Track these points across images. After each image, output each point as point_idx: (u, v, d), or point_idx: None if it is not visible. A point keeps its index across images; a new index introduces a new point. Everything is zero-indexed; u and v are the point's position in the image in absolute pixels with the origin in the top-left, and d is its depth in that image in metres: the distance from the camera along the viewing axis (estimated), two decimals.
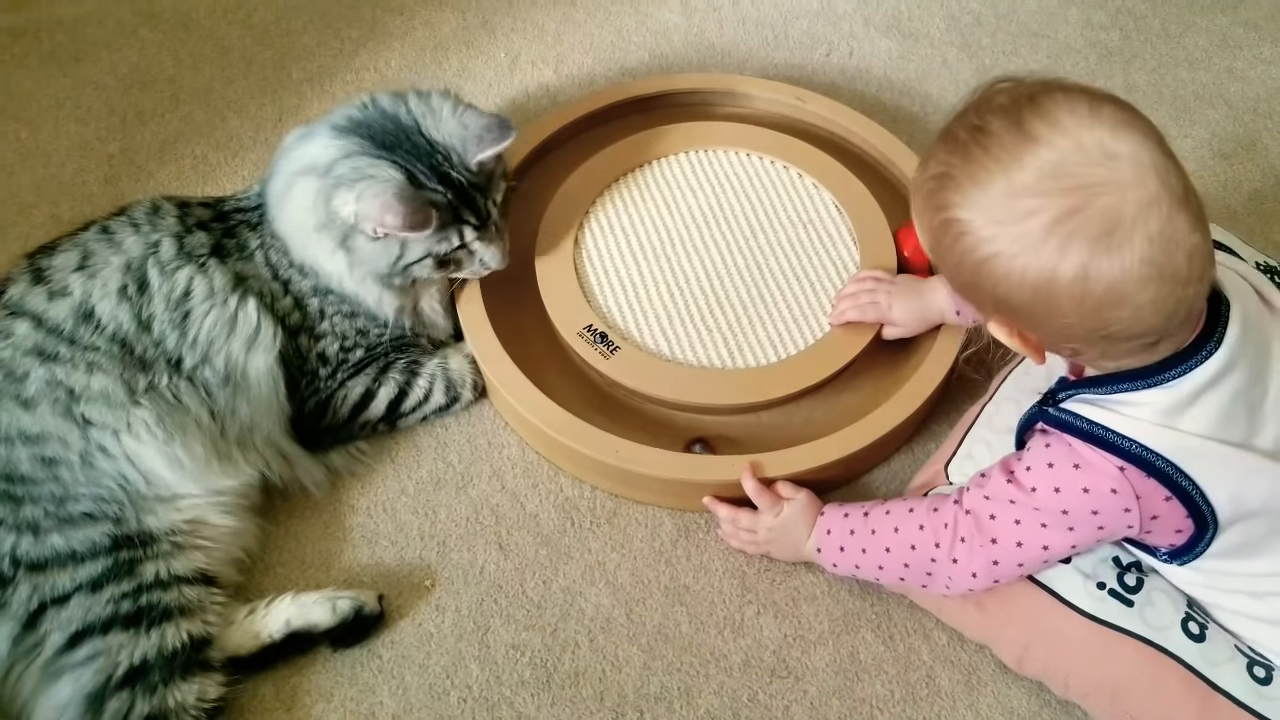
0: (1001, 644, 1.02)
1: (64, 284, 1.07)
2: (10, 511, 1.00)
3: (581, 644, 1.07)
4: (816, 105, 1.43)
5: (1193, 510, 0.84)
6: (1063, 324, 0.79)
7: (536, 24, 1.67)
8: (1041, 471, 0.88)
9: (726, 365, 1.19)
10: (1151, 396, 0.83)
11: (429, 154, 1.11)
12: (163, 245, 1.11)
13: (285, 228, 1.13)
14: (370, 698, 1.04)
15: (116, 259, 1.09)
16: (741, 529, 1.09)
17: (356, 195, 1.07)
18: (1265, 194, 1.45)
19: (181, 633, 0.99)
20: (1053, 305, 0.77)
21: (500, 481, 1.18)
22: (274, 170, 1.15)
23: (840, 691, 1.04)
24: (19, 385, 1.03)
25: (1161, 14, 1.69)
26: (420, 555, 1.13)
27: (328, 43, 1.62)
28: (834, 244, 1.29)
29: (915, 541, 0.97)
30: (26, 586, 0.98)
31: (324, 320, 1.16)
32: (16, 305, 1.07)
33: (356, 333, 1.17)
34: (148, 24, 1.64)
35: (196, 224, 1.14)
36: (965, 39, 1.65)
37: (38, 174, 1.44)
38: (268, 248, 1.14)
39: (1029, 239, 0.76)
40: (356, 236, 1.10)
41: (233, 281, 1.11)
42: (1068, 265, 0.75)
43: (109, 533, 1.01)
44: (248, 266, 1.13)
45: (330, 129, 1.13)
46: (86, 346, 1.05)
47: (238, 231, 1.16)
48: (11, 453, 1.02)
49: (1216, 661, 0.91)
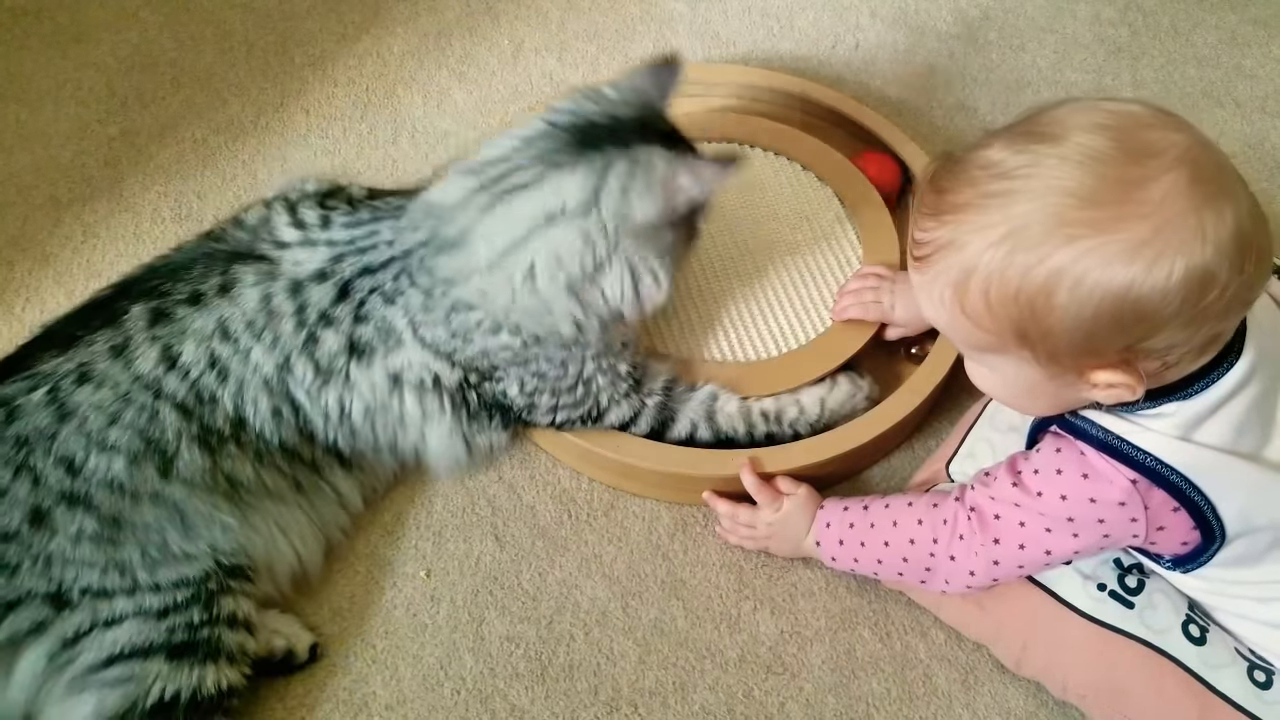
0: (1000, 644, 1.01)
1: (214, 393, 1.00)
2: (104, 553, 0.94)
3: (577, 637, 1.07)
4: (822, 98, 1.42)
5: (1201, 523, 0.83)
6: (1200, 311, 0.73)
7: (541, 11, 1.66)
8: (1049, 477, 0.87)
9: (727, 359, 1.18)
10: (1174, 408, 0.81)
11: (635, 122, 1.03)
12: (297, 368, 1.01)
13: (522, 311, 1.02)
14: (364, 688, 1.03)
15: (257, 380, 1.01)
16: (740, 524, 1.08)
17: (648, 184, 0.98)
18: (1274, 193, 1.45)
19: (222, 679, 0.95)
20: (1204, 290, 0.72)
21: (497, 472, 1.17)
22: (460, 234, 1.01)
23: (836, 689, 1.04)
24: (167, 460, 0.97)
25: (1171, 11, 1.68)
26: (416, 545, 1.12)
27: (330, 27, 1.61)
28: (837, 238, 1.28)
29: (913, 536, 0.96)
30: (86, 613, 0.93)
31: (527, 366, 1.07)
32: (156, 388, 0.98)
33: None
34: (149, 6, 1.62)
35: (320, 320, 1.02)
36: (972, 33, 1.64)
37: (37, 155, 1.43)
38: (417, 324, 1.03)
39: (1180, 229, 0.70)
40: (655, 232, 1.00)
41: (390, 381, 1.04)
42: (1224, 227, 0.71)
43: (206, 568, 0.97)
44: (397, 357, 1.04)
45: (550, 166, 0.99)
46: (257, 451, 1.02)
47: (369, 312, 1.03)
48: (135, 506, 0.96)
49: (1216, 665, 0.91)
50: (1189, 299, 0.72)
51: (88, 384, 0.97)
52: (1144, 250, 0.71)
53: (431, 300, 1.03)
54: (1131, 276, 0.71)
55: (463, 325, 1.03)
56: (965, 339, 0.83)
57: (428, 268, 1.03)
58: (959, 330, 0.82)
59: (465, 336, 1.04)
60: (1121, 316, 0.73)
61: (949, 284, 0.78)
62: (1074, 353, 0.77)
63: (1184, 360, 0.78)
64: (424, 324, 1.03)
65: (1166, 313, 0.73)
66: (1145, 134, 0.73)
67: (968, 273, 0.77)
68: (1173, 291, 0.71)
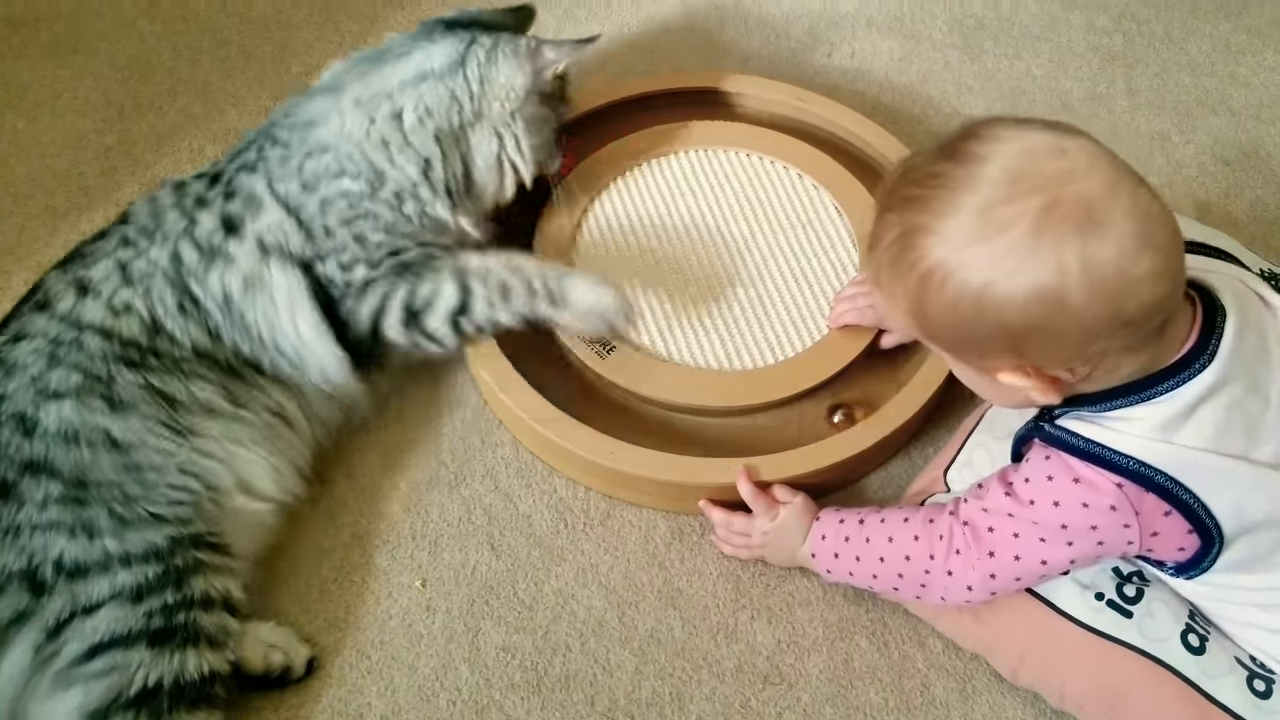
0: (997, 654, 1.01)
1: (126, 301, 1.05)
2: (72, 514, 0.96)
3: (573, 647, 1.06)
4: (817, 106, 1.42)
5: (1197, 524, 0.82)
6: (1082, 327, 0.76)
7: (537, 21, 1.64)
8: (1041, 485, 0.87)
9: (724, 366, 1.18)
10: (1146, 411, 0.82)
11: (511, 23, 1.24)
12: (184, 253, 1.07)
13: (343, 127, 1.11)
14: (358, 699, 1.03)
15: (158, 275, 1.06)
16: (735, 533, 1.08)
17: (515, 57, 1.15)
18: (1267, 200, 1.45)
19: (204, 663, 0.95)
20: (1067, 311, 0.75)
21: (493, 481, 1.17)
22: (335, 82, 1.14)
23: (834, 699, 1.04)
24: (106, 386, 1.01)
25: (1165, 19, 1.68)
26: (411, 555, 1.12)
27: (327, 36, 1.61)
28: (833, 246, 1.28)
29: (910, 552, 0.96)
30: (63, 596, 0.93)
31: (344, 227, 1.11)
32: (75, 319, 1.04)
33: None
34: (146, 15, 1.63)
35: (196, 204, 1.10)
36: (968, 41, 1.64)
37: (33, 165, 1.43)
38: (274, 179, 1.10)
39: (1019, 249, 0.75)
40: (528, 104, 1.15)
41: (259, 249, 1.08)
42: (1069, 260, 0.74)
43: (172, 534, 0.98)
44: (260, 220, 1.09)
45: (427, 38, 1.15)
46: (175, 358, 1.04)
47: (236, 187, 1.10)
48: (94, 457, 0.98)
49: (1215, 674, 0.90)
50: (1049, 318, 0.76)
51: (22, 340, 1.03)
52: (993, 263, 0.76)
53: (289, 151, 1.11)
54: (984, 280, 0.76)
55: (313, 171, 1.10)
56: (927, 343, 0.88)
57: (289, 123, 1.13)
58: (917, 332, 0.86)
59: (312, 186, 1.10)
60: (985, 321, 0.78)
61: (902, 292, 0.83)
62: (964, 349, 0.83)
63: (1120, 368, 0.81)
64: (279, 177, 1.10)
65: (1034, 328, 0.77)
66: (1034, 163, 0.77)
67: (877, 266, 0.84)
68: (1025, 307, 0.76)
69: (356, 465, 1.18)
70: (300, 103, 1.15)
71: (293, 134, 1.12)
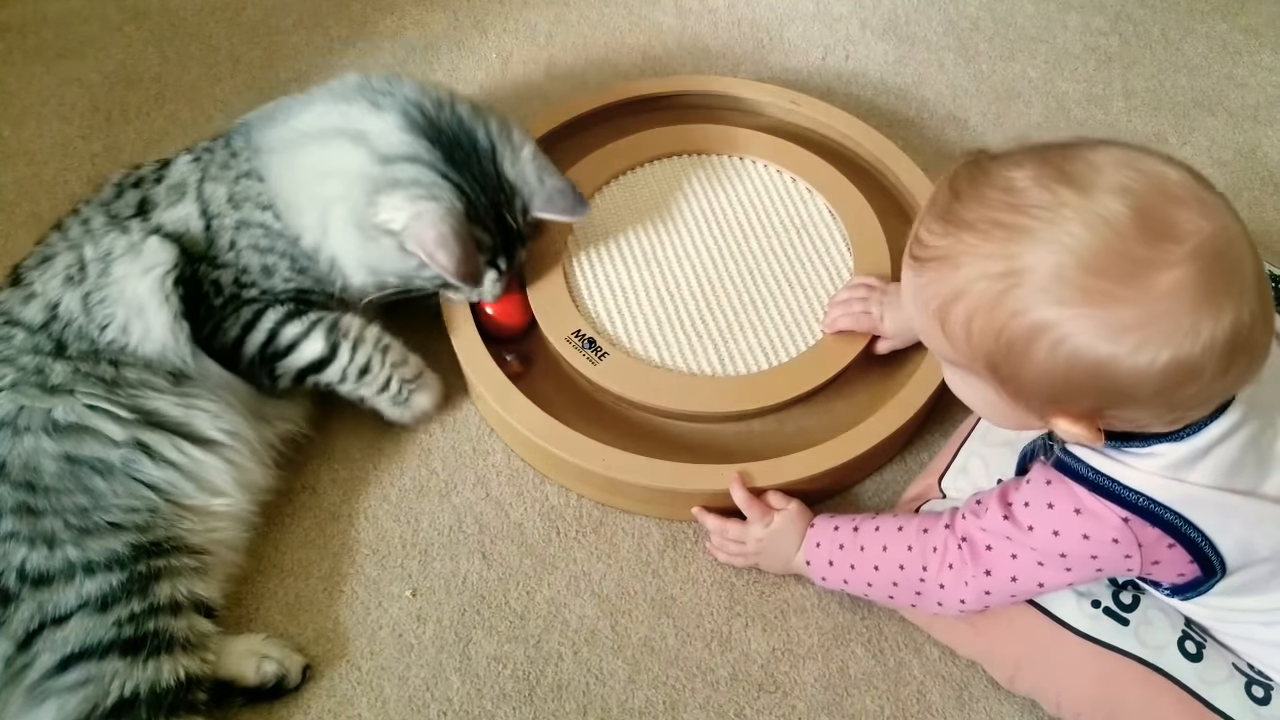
0: (993, 662, 1.00)
1: (31, 288, 1.05)
2: (28, 524, 0.95)
3: (565, 656, 1.05)
4: (811, 109, 1.41)
5: (1199, 558, 0.81)
6: (1198, 391, 0.71)
7: (529, 24, 1.65)
8: (1041, 512, 0.85)
9: (717, 372, 1.17)
10: (1164, 449, 0.79)
11: (495, 188, 1.07)
12: (93, 218, 1.07)
13: (284, 171, 1.07)
14: (349, 710, 1.01)
15: (65, 249, 1.06)
16: (730, 540, 1.07)
17: (415, 213, 1.02)
18: (1264, 201, 1.44)
19: (179, 669, 0.94)
20: (1195, 380, 0.70)
21: (484, 489, 1.16)
22: (302, 102, 1.11)
23: (829, 707, 1.02)
24: (41, 375, 1.00)
25: (1161, 20, 1.68)
26: (402, 564, 1.10)
27: (316, 41, 1.60)
28: (828, 250, 1.27)
29: (903, 562, 0.94)
30: (30, 605, 0.92)
31: (231, 252, 1.09)
32: (6, 311, 1.05)
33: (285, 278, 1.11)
34: (134, 21, 1.62)
35: (133, 184, 1.10)
36: (963, 43, 1.63)
37: (19, 172, 1.42)
38: (207, 177, 1.08)
39: (1162, 320, 0.68)
40: (384, 238, 1.05)
41: (153, 231, 1.06)
42: (1217, 333, 0.68)
43: (132, 541, 0.97)
44: (173, 211, 1.07)
45: (400, 116, 1.06)
46: (92, 349, 1.03)
47: (172, 171, 1.10)
48: (37, 448, 0.97)
49: (1213, 681, 0.89)
50: (1166, 387, 0.71)
51: None
52: (1131, 334, 0.69)
53: (235, 160, 1.10)
54: (1112, 353, 0.70)
55: (244, 192, 1.08)
56: (939, 351, 0.82)
57: (251, 133, 1.11)
58: (935, 342, 0.81)
59: (238, 202, 1.08)
60: (1093, 385, 0.72)
61: (936, 297, 0.77)
62: (1040, 399, 0.77)
63: (1153, 425, 0.78)
64: (212, 179, 1.09)
65: (1141, 394, 0.72)
66: (1170, 210, 0.70)
67: (956, 295, 0.76)
68: (1152, 377, 0.70)
69: (346, 474, 1.17)
70: (276, 117, 1.12)
71: (246, 146, 1.11)
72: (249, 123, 1.14)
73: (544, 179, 1.10)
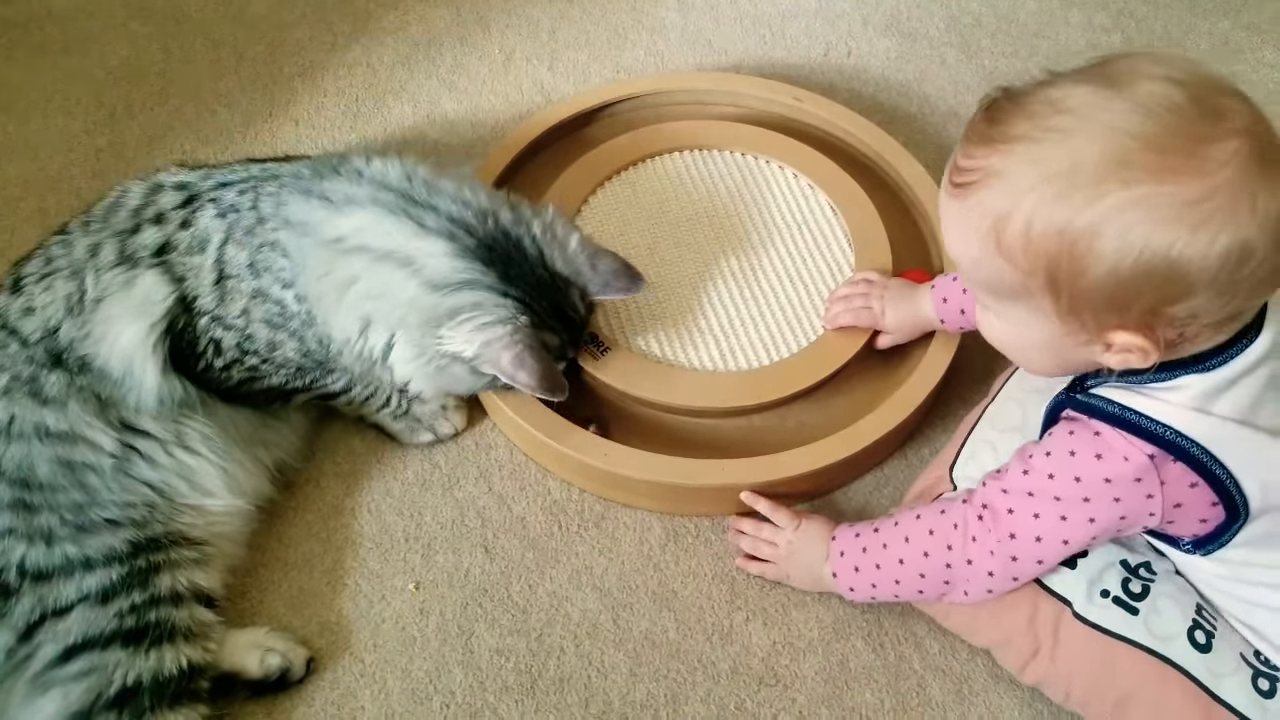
0: (1003, 650, 1.00)
1: (28, 304, 1.02)
2: (24, 520, 0.95)
3: (567, 649, 1.05)
4: (813, 105, 1.41)
5: (1224, 497, 0.81)
6: (1250, 278, 0.72)
7: (532, 20, 1.65)
8: (1062, 459, 0.85)
9: (718, 367, 1.17)
10: (1190, 380, 0.80)
11: (551, 289, 1.04)
12: (103, 247, 1.02)
13: (319, 270, 1.01)
14: (351, 702, 1.02)
15: (67, 273, 1.02)
16: (763, 539, 1.07)
17: (485, 341, 0.99)
18: None
19: (181, 658, 0.95)
20: (1249, 263, 0.71)
21: (487, 484, 1.16)
22: (341, 195, 1.02)
23: (829, 700, 1.03)
24: (34, 384, 0.99)
25: (1164, 17, 1.68)
26: (405, 558, 1.11)
27: (320, 37, 1.61)
28: (829, 245, 1.27)
29: (926, 548, 0.95)
30: (31, 598, 0.94)
31: (244, 318, 1.04)
32: (3, 319, 1.03)
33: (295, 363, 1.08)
34: (139, 17, 1.62)
35: (155, 218, 1.03)
36: (965, 40, 1.63)
37: (24, 167, 1.43)
38: (231, 239, 1.02)
39: (1222, 198, 0.69)
40: (455, 365, 1.01)
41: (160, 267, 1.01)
42: (1273, 209, 0.70)
43: (130, 538, 0.97)
44: (189, 259, 1.02)
45: (448, 241, 0.99)
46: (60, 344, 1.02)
47: (198, 219, 1.03)
48: (29, 451, 0.97)
49: (1221, 674, 0.89)
50: (1225, 268, 0.71)
51: None
52: (1194, 210, 0.70)
53: (261, 227, 1.02)
54: (1176, 235, 0.70)
55: (266, 262, 1.02)
56: (988, 279, 0.81)
57: (282, 199, 1.03)
58: (984, 269, 0.80)
59: (258, 272, 1.03)
60: (1156, 274, 0.72)
61: (989, 214, 0.76)
62: (1099, 306, 0.76)
63: (1202, 334, 0.78)
64: (235, 242, 1.02)
65: (1201, 279, 0.72)
66: (1218, 97, 0.72)
67: (1014, 203, 0.75)
68: (1213, 258, 0.71)
69: (349, 468, 1.17)
70: (313, 194, 1.03)
71: (275, 215, 1.03)
72: (282, 181, 1.06)
73: (596, 265, 1.07)
